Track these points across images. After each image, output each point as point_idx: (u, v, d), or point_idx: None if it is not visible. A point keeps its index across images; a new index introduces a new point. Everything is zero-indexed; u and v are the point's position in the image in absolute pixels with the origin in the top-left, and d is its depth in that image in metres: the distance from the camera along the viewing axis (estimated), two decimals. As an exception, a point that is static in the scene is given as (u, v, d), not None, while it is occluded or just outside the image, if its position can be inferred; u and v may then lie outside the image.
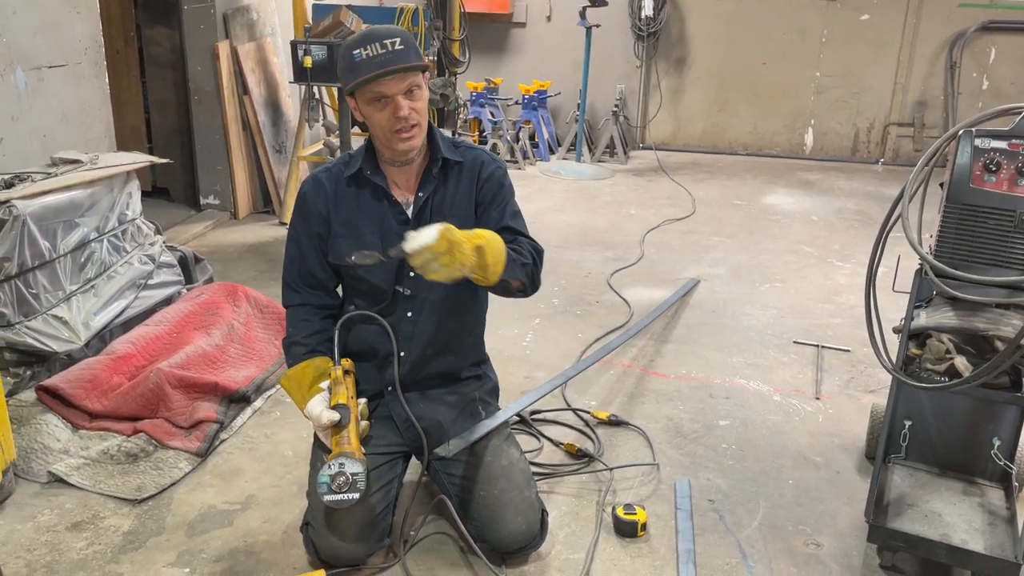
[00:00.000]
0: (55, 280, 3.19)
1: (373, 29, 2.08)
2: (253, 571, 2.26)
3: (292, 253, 2.31)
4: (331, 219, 2.24)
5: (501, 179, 2.31)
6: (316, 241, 2.26)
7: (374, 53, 2.03)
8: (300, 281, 2.31)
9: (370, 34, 2.05)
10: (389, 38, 2.04)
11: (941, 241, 2.14)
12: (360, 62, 2.04)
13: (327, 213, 2.24)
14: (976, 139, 2.11)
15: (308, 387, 2.19)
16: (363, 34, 2.07)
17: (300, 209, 2.27)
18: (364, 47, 2.03)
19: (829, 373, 3.55)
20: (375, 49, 2.03)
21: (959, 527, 2.30)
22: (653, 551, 2.39)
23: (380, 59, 2.03)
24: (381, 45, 2.03)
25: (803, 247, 5.31)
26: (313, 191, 2.25)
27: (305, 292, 2.31)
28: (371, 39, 2.04)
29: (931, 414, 2.56)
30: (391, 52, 2.04)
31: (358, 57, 2.04)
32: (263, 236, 5.28)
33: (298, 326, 2.30)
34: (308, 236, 2.27)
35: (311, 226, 2.26)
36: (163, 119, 5.71)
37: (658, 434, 3.01)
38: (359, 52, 2.04)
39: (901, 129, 7.81)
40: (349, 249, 2.20)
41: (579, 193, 6.58)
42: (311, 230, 2.26)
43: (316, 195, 2.24)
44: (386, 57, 2.03)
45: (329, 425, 2.09)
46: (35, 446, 2.73)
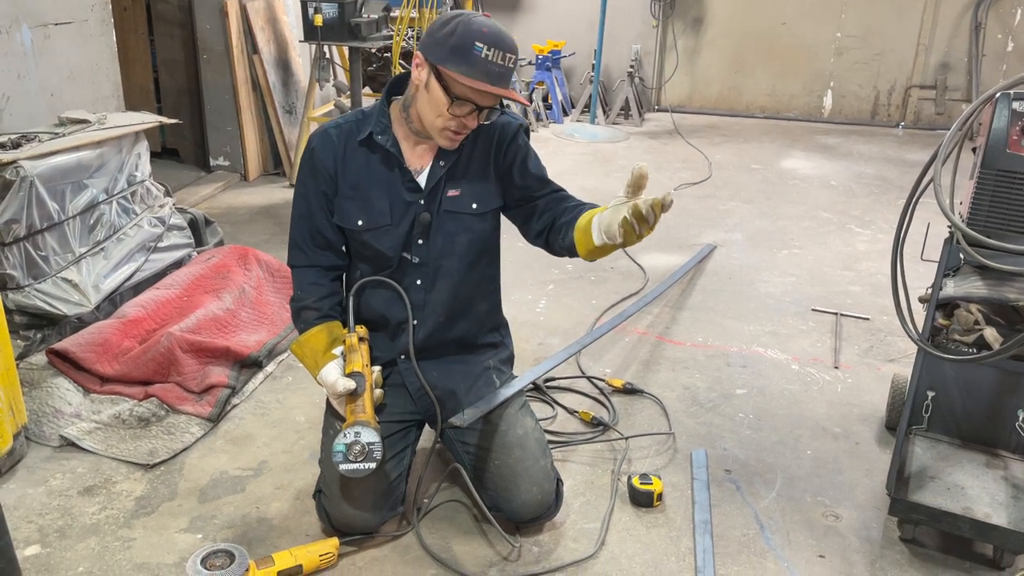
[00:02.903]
0: (64, 242, 3.15)
1: (502, 34, 1.95)
2: (265, 538, 2.24)
3: (301, 211, 2.21)
4: (338, 179, 2.16)
5: (524, 142, 2.24)
6: (324, 200, 2.18)
7: (494, 59, 1.92)
8: (309, 241, 2.22)
9: (500, 38, 1.93)
10: (512, 53, 1.95)
11: (974, 208, 2.06)
12: (477, 58, 1.91)
13: (335, 172, 2.15)
14: (1014, 102, 2.02)
15: (322, 353, 2.14)
16: (494, 32, 1.93)
17: (308, 165, 2.17)
18: (490, 48, 1.91)
19: (848, 342, 3.49)
20: (498, 57, 1.92)
21: (982, 500, 2.26)
22: (669, 521, 2.36)
23: (496, 69, 1.93)
24: (503, 57, 1.93)
25: (822, 212, 5.22)
26: (321, 147, 2.15)
27: (313, 252, 2.22)
28: (499, 45, 1.92)
29: (955, 385, 2.50)
30: (506, 68, 1.95)
31: (478, 51, 1.91)
32: (273, 198, 5.23)
33: (307, 289, 2.22)
34: (316, 194, 2.17)
35: (319, 183, 2.16)
36: (172, 78, 5.63)
37: (674, 403, 2.97)
38: (482, 48, 1.91)
39: (923, 92, 7.65)
40: (355, 213, 2.15)
41: (593, 156, 6.49)
42: (319, 187, 2.16)
43: (324, 151, 2.14)
44: (501, 72, 1.94)
45: (344, 393, 2.04)
46: (46, 410, 2.71)
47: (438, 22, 1.97)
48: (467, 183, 2.18)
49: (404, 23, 5.37)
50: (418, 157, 2.17)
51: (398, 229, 2.17)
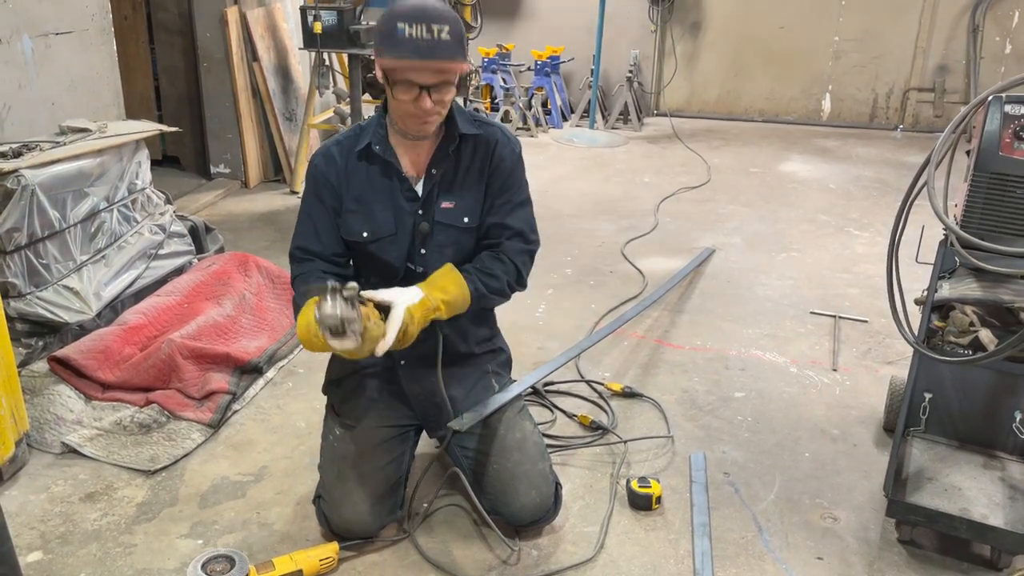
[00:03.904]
0: (65, 250, 3.17)
1: (426, 8, 1.91)
2: (266, 543, 2.25)
3: (304, 227, 2.19)
4: (343, 194, 2.15)
5: (512, 166, 2.21)
6: (331, 215, 2.17)
7: (418, 35, 1.89)
8: (311, 250, 2.19)
9: (422, 12, 1.90)
10: (438, 23, 1.90)
11: (968, 211, 2.08)
12: (400, 38, 1.90)
13: (339, 187, 2.15)
14: (1006, 105, 2.04)
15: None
16: (415, 7, 1.91)
17: (312, 182, 2.18)
18: (411, 24, 1.89)
19: (846, 344, 3.50)
20: (420, 31, 1.89)
21: (979, 501, 2.27)
22: (668, 524, 2.37)
23: (423, 44, 1.90)
24: (428, 29, 1.89)
25: (820, 216, 5.23)
26: (325, 165, 2.16)
27: (316, 262, 2.20)
28: (421, 18, 1.89)
29: (952, 387, 2.51)
30: (435, 40, 1.90)
31: (400, 32, 1.89)
32: (274, 205, 5.25)
33: (308, 280, 2.11)
34: (321, 211, 2.16)
35: (324, 200, 2.16)
36: (172, 86, 5.66)
37: (673, 406, 2.98)
38: (403, 27, 1.89)
39: (921, 95, 7.67)
40: (360, 225, 2.15)
41: (592, 161, 6.50)
42: (325, 204, 2.16)
43: (328, 169, 2.15)
44: (429, 44, 1.90)
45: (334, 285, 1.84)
46: (48, 417, 2.73)
47: (378, 22, 1.99)
48: (461, 196, 2.18)
49: (403, 30, 5.39)
50: (414, 163, 2.17)
51: (401, 239, 2.17)
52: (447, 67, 1.96)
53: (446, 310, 2.06)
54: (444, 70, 1.96)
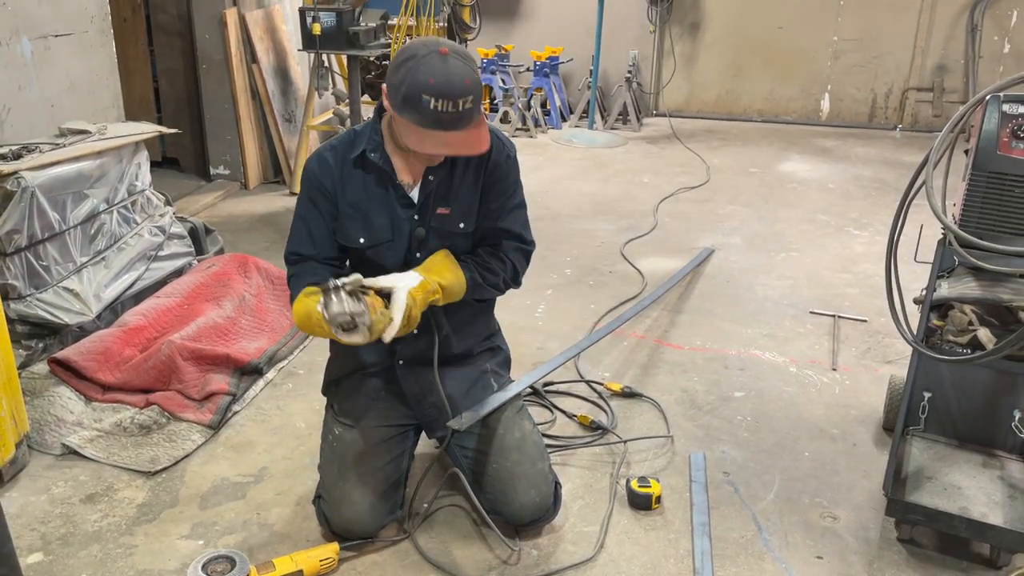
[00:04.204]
0: (65, 252, 3.18)
1: (451, 81, 1.87)
2: (266, 543, 2.25)
3: (298, 231, 2.19)
4: (339, 199, 2.14)
5: (507, 171, 2.21)
6: (327, 220, 2.15)
7: (443, 109, 1.87)
8: (305, 254, 2.18)
9: (448, 86, 1.86)
10: (463, 96, 1.88)
11: (966, 210, 2.08)
12: (424, 109, 1.87)
13: (334, 193, 2.14)
14: (1004, 104, 2.04)
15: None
16: (441, 82, 1.86)
17: (307, 188, 2.16)
18: (438, 99, 1.86)
19: (846, 344, 3.50)
20: (446, 106, 1.87)
21: (979, 500, 2.27)
22: (668, 524, 2.37)
23: (446, 118, 1.89)
24: (453, 104, 1.87)
25: (819, 215, 5.23)
26: (319, 170, 2.14)
27: (311, 263, 2.19)
28: (447, 93, 1.86)
29: (951, 386, 2.52)
30: (459, 113, 1.89)
31: (426, 104, 1.86)
32: (274, 206, 5.25)
33: (304, 278, 2.13)
34: (316, 215, 2.16)
35: (319, 205, 2.15)
36: (171, 88, 5.67)
37: (672, 406, 2.99)
38: (429, 101, 1.86)
39: (920, 94, 7.67)
40: (356, 231, 2.14)
41: (591, 161, 6.51)
42: (319, 209, 2.15)
43: (323, 174, 2.13)
44: (452, 117, 1.89)
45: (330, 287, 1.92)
46: (48, 418, 2.73)
47: (394, 61, 1.95)
48: (457, 202, 2.17)
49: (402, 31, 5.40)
50: (410, 171, 2.16)
51: (398, 245, 2.18)
52: (463, 144, 1.96)
53: (443, 295, 2.10)
54: (459, 143, 1.96)
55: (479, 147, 1.98)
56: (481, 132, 1.99)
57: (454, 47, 1.92)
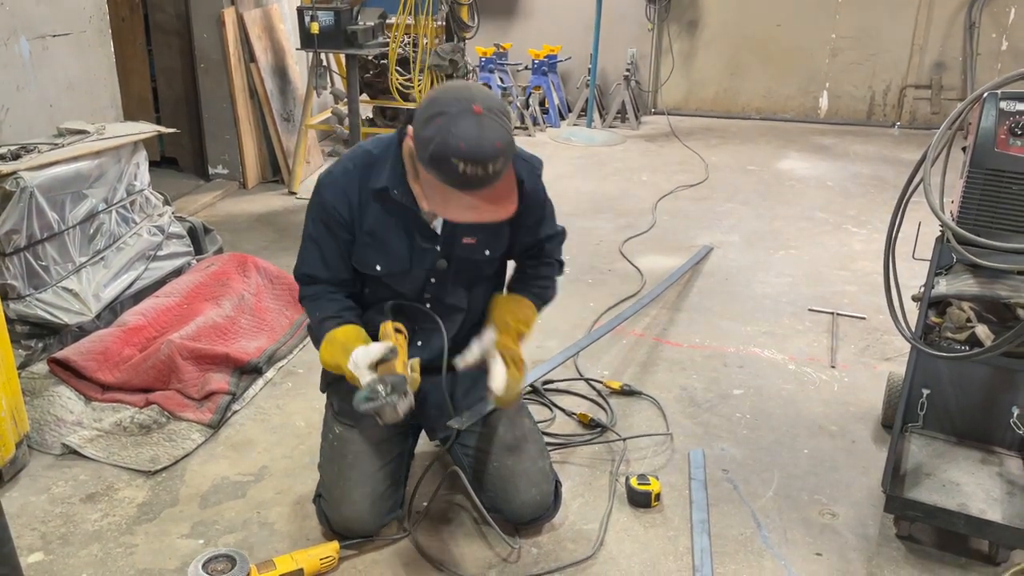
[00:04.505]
0: (64, 252, 3.18)
1: (483, 146, 1.75)
2: (267, 542, 2.26)
3: (309, 253, 2.12)
4: (355, 227, 2.06)
5: (541, 197, 2.20)
6: (341, 246, 2.09)
7: (472, 173, 1.76)
8: (319, 278, 2.14)
9: (480, 151, 1.75)
10: (494, 160, 1.77)
11: (964, 207, 2.09)
12: (453, 171, 1.77)
13: (351, 220, 2.05)
14: (1001, 101, 2.04)
15: (355, 341, 2.04)
16: (473, 146, 1.74)
17: (320, 213, 2.06)
18: (468, 164, 1.75)
19: (844, 341, 3.51)
20: (476, 170, 1.76)
21: (977, 497, 2.28)
22: (667, 521, 2.38)
23: (474, 179, 1.78)
24: (484, 168, 1.76)
25: (818, 213, 5.24)
26: (335, 199, 2.04)
27: (324, 285, 2.16)
28: (479, 158, 1.75)
29: (949, 383, 2.52)
30: (487, 175, 1.78)
31: (454, 166, 1.75)
32: (272, 206, 5.25)
33: (325, 307, 2.13)
34: (330, 241, 2.08)
35: (334, 231, 2.07)
36: (170, 87, 5.66)
37: (671, 404, 2.99)
38: (458, 164, 1.75)
39: (918, 92, 7.67)
40: (373, 258, 2.09)
41: (590, 160, 6.51)
42: (335, 235, 2.07)
43: (339, 202, 2.04)
44: (481, 179, 1.78)
45: (384, 352, 1.94)
46: (48, 418, 2.73)
47: (424, 112, 1.81)
48: (483, 231, 2.11)
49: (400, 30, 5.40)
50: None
51: (416, 273, 2.13)
52: (488, 216, 1.88)
53: (527, 332, 2.22)
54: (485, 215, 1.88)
55: (506, 211, 1.87)
56: (509, 191, 1.88)
57: (488, 102, 1.80)
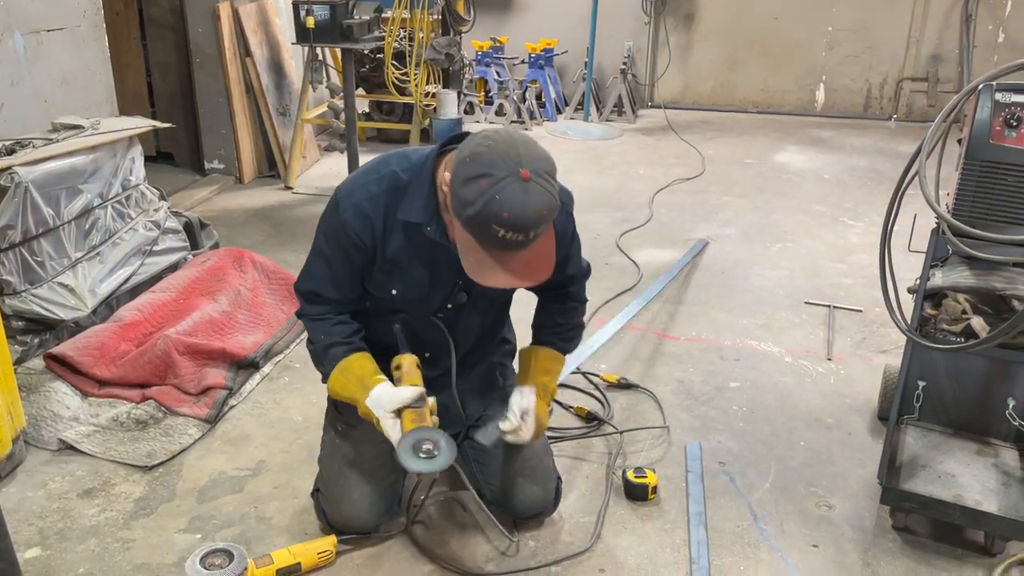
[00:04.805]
0: (60, 247, 3.17)
1: (527, 215, 1.65)
2: (264, 537, 2.26)
3: (318, 271, 2.04)
4: (376, 253, 1.98)
5: (571, 234, 2.13)
6: (355, 270, 2.01)
7: (513, 239, 1.68)
8: (326, 297, 2.06)
9: (524, 220, 1.65)
10: (537, 227, 1.69)
11: (959, 199, 2.09)
12: (493, 237, 1.68)
13: (373, 247, 1.96)
14: (997, 93, 2.05)
15: (371, 376, 2.01)
16: (518, 216, 1.65)
17: (337, 237, 1.96)
18: (509, 230, 1.66)
19: (841, 334, 3.51)
20: (517, 237, 1.68)
21: (973, 488, 2.29)
22: (664, 514, 2.38)
23: (513, 243, 1.69)
24: (526, 234, 1.68)
25: (814, 206, 5.24)
26: (358, 224, 1.93)
27: (330, 305, 2.08)
28: (522, 227, 1.66)
29: (945, 375, 2.53)
30: (527, 239, 1.70)
31: (495, 232, 1.67)
32: (269, 200, 5.24)
33: (332, 331, 2.06)
34: (343, 264, 2.00)
35: (351, 256, 1.98)
36: (165, 82, 5.64)
37: (668, 397, 3.00)
38: (499, 231, 1.66)
39: (915, 84, 7.67)
40: (391, 283, 2.02)
41: (587, 153, 6.51)
42: (350, 259, 1.99)
43: (362, 229, 1.93)
44: (520, 242, 1.70)
45: (412, 400, 1.91)
46: (45, 414, 2.73)
47: (466, 169, 1.69)
48: None
49: (396, 24, 5.39)
50: None
51: (432, 300, 2.07)
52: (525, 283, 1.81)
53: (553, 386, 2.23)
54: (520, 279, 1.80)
55: (543, 274, 1.79)
56: (548, 253, 1.81)
57: (535, 163, 1.69)
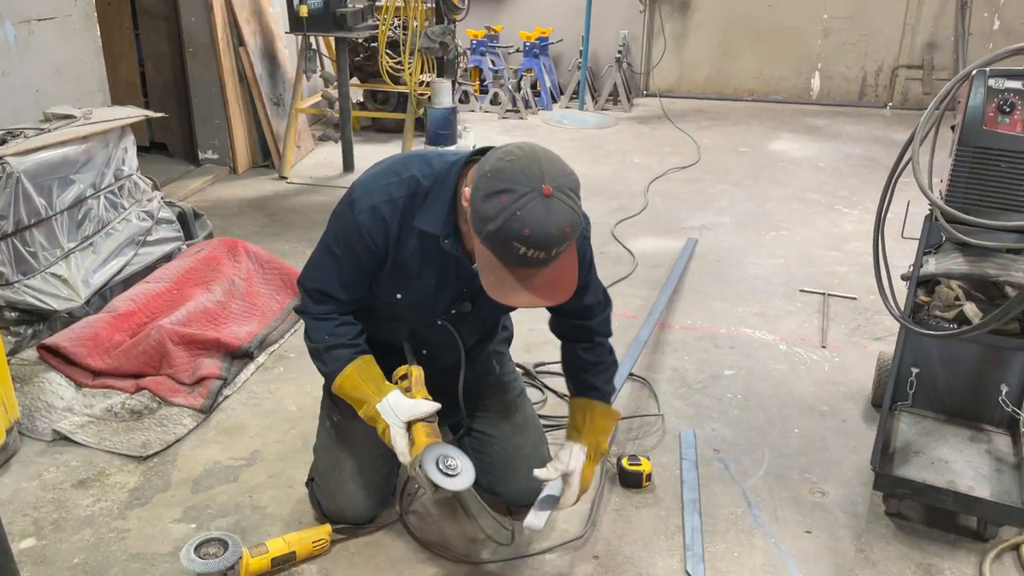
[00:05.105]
0: (52, 238, 3.16)
1: (549, 232, 1.60)
2: (259, 526, 2.26)
3: (327, 270, 1.99)
4: (388, 257, 1.93)
5: (589, 261, 2.07)
6: (364, 272, 1.96)
7: (534, 256, 1.63)
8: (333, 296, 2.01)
9: (545, 238, 1.61)
10: (559, 245, 1.64)
11: (952, 185, 2.09)
12: (513, 254, 1.63)
13: (385, 250, 1.92)
14: (990, 79, 2.04)
15: (383, 379, 2.00)
16: (539, 234, 1.60)
17: (350, 238, 1.91)
18: (531, 248, 1.61)
19: (835, 321, 3.52)
20: (538, 254, 1.63)
21: (966, 474, 2.30)
22: (658, 501, 2.39)
23: (533, 261, 1.65)
24: (547, 252, 1.63)
25: (809, 194, 5.24)
26: (373, 227, 1.88)
27: (335, 304, 2.03)
28: (543, 245, 1.61)
29: (938, 361, 2.54)
30: (548, 258, 1.65)
31: (515, 249, 1.62)
32: (263, 191, 5.23)
33: (336, 332, 2.02)
34: (354, 264, 1.95)
35: (361, 258, 1.93)
36: (158, 72, 5.62)
37: (663, 385, 3.00)
38: (519, 248, 1.61)
39: (910, 72, 7.66)
40: (396, 287, 1.99)
41: (582, 142, 6.49)
42: (360, 261, 1.94)
43: (376, 232, 1.88)
44: (541, 260, 1.66)
45: (430, 413, 1.91)
46: (39, 404, 2.72)
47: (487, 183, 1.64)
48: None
49: (390, 12, 5.36)
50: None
51: (437, 306, 2.03)
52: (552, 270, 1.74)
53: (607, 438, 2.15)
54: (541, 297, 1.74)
55: (565, 291, 1.74)
56: (569, 272, 1.76)
57: (558, 179, 1.64)
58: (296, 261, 3.89)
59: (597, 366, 2.16)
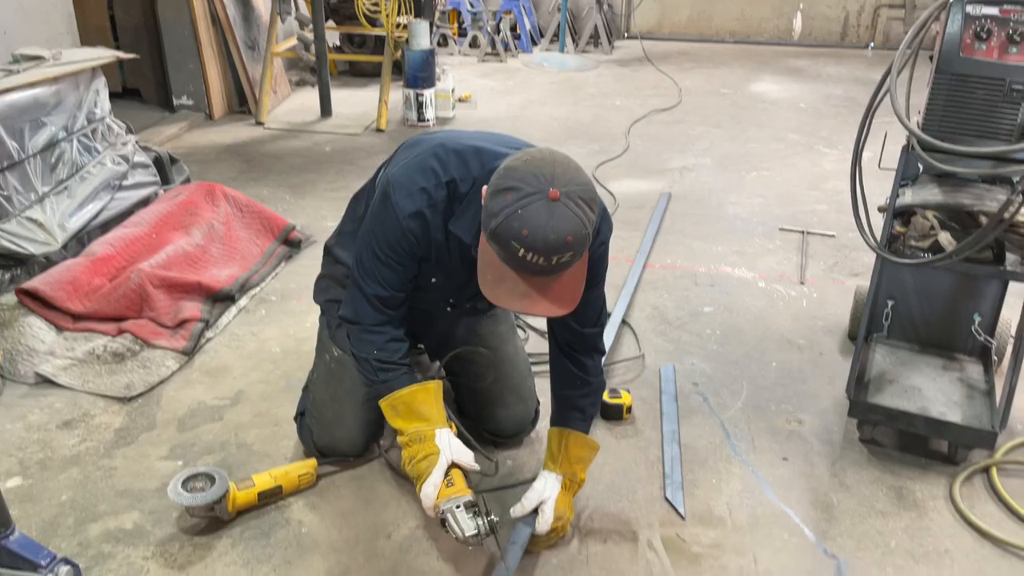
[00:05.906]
0: (26, 182, 3.12)
1: (548, 238, 1.57)
2: (245, 462, 2.29)
3: (387, 277, 1.96)
4: (431, 252, 1.95)
5: (603, 259, 2.00)
6: (413, 270, 1.98)
7: (533, 261, 1.61)
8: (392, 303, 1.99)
9: (544, 243, 1.57)
10: (559, 254, 1.60)
11: (929, 113, 2.09)
12: (514, 254, 1.61)
13: (428, 247, 1.94)
14: (968, 5, 2.03)
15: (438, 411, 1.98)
16: (537, 238, 1.57)
17: (403, 243, 1.90)
18: (529, 251, 1.59)
19: (814, 258, 3.55)
20: (536, 259, 1.60)
21: (938, 400, 2.35)
22: (638, 432, 2.43)
23: (536, 268, 1.63)
24: (547, 259, 1.60)
25: (790, 135, 5.24)
26: (421, 231, 1.89)
27: (390, 312, 2.01)
28: (542, 250, 1.58)
29: (914, 292, 2.58)
30: (551, 266, 1.62)
31: (515, 249, 1.60)
32: (240, 136, 5.16)
33: (387, 348, 2.00)
34: (408, 267, 1.95)
35: (410, 258, 1.94)
36: (128, 15, 5.48)
37: (643, 322, 3.03)
38: (519, 249, 1.59)
39: (892, 11, 7.61)
40: (432, 272, 2.00)
41: (563, 85, 6.43)
42: (413, 261, 1.95)
43: (422, 234, 1.90)
44: (543, 269, 1.63)
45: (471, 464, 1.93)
46: (20, 348, 2.71)
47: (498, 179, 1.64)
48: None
49: (365, -49, 5.25)
50: None
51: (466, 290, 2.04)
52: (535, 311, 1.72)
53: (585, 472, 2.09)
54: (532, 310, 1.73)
55: (562, 308, 1.72)
56: (573, 287, 1.73)
57: (569, 185, 1.61)
58: (275, 206, 3.86)
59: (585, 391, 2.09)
